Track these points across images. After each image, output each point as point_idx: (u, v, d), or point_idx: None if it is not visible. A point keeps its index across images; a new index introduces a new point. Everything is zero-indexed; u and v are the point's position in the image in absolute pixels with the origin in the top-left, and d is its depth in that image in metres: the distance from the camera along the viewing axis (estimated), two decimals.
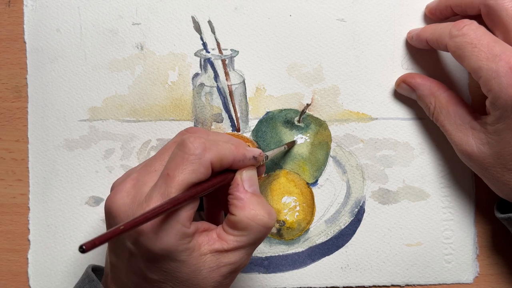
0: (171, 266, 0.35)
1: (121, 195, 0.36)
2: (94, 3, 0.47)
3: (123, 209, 0.36)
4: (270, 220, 0.37)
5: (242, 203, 0.37)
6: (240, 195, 0.37)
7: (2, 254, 0.47)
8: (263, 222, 0.37)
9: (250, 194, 0.37)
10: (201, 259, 0.36)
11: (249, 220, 0.36)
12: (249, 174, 0.38)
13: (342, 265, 0.47)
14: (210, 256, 0.36)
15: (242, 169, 0.38)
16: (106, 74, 0.47)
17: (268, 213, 0.37)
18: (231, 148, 0.37)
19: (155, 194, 0.35)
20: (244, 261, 0.38)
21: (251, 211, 0.37)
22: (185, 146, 0.35)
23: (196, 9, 0.47)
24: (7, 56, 0.48)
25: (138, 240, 0.35)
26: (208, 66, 0.47)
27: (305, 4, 0.47)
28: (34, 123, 0.47)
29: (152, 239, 0.34)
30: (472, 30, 0.40)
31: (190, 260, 0.35)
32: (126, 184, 0.37)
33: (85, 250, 0.28)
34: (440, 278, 0.47)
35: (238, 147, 0.38)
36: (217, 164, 0.36)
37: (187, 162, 0.35)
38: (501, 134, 0.40)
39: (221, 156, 0.36)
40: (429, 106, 0.45)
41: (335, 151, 0.48)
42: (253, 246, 0.38)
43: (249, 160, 0.38)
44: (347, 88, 0.47)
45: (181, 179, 0.34)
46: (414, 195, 0.47)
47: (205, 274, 0.36)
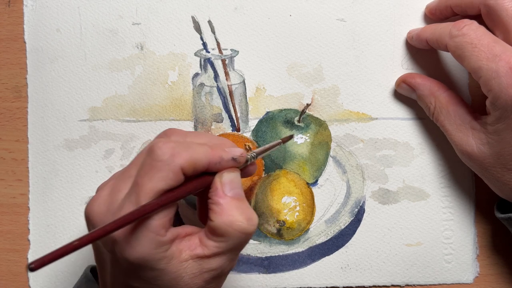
0: (150, 275, 0.34)
1: (98, 203, 0.35)
2: (94, 3, 0.47)
3: (99, 217, 0.35)
4: (249, 226, 0.35)
5: (220, 208, 0.35)
6: (218, 200, 0.36)
7: (2, 254, 0.47)
8: (241, 228, 0.35)
9: (230, 199, 0.36)
10: (182, 265, 0.35)
11: (227, 227, 0.35)
12: (230, 177, 0.36)
13: (342, 265, 0.47)
14: (191, 262, 0.35)
15: (222, 172, 0.36)
16: (106, 74, 0.47)
17: (247, 218, 0.35)
18: (206, 151, 0.35)
19: (126, 203, 0.34)
20: (227, 266, 0.37)
21: (228, 217, 0.35)
22: (153, 152, 0.34)
23: (196, 9, 0.47)
24: (7, 56, 0.48)
25: (114, 250, 0.34)
26: (208, 66, 0.47)
27: (305, 4, 0.47)
28: (34, 123, 0.47)
29: (125, 249, 0.33)
30: (472, 30, 0.40)
31: (169, 267, 0.34)
32: (103, 191, 0.36)
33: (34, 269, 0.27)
34: (440, 278, 0.47)
35: (215, 149, 0.36)
36: (189, 169, 0.34)
37: (155, 169, 0.34)
38: (501, 134, 0.40)
39: (194, 160, 0.34)
40: (429, 106, 0.45)
41: (335, 151, 0.48)
42: (235, 251, 0.36)
43: (227, 162, 0.36)
44: (347, 88, 0.47)
45: (150, 187, 0.33)
46: (414, 195, 0.47)
47: (187, 281, 0.35)
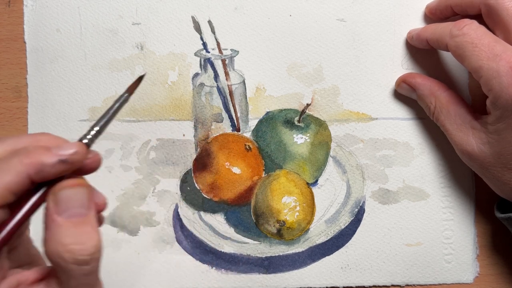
0: None
1: None
2: (94, 3, 0.47)
3: None
4: (80, 255, 0.29)
5: (49, 233, 0.29)
6: (48, 224, 0.29)
7: None
8: (70, 258, 0.29)
9: (62, 221, 0.29)
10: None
11: (54, 256, 0.29)
12: (66, 194, 0.29)
13: (342, 265, 0.47)
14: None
15: (58, 187, 0.30)
16: (106, 74, 0.47)
17: (79, 245, 0.29)
18: (19, 164, 0.28)
19: None
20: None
21: (55, 245, 0.29)
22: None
23: (196, 9, 0.47)
24: (7, 56, 0.48)
25: None
26: (208, 66, 0.47)
27: (305, 4, 0.47)
28: (34, 123, 0.47)
29: None
30: (473, 30, 0.40)
31: None
32: None
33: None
34: (440, 278, 0.47)
35: (30, 155, 0.29)
36: (5, 199, 0.28)
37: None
38: (502, 133, 0.40)
39: (5, 187, 0.28)
40: (430, 106, 0.45)
41: (335, 151, 0.48)
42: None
43: (53, 167, 0.29)
44: (347, 88, 0.47)
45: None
46: (414, 195, 0.47)
47: None
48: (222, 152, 0.47)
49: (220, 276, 0.47)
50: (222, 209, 0.48)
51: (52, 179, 0.29)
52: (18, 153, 0.29)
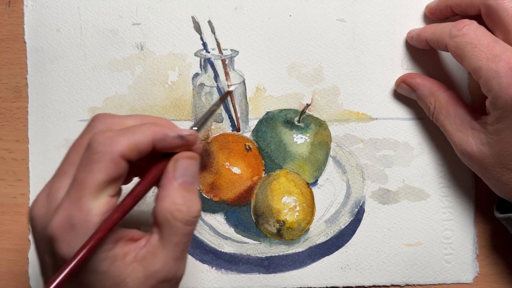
0: (92, 279, 0.32)
1: (37, 206, 0.34)
2: (94, 3, 0.47)
3: (40, 221, 0.33)
4: (188, 215, 0.33)
5: (163, 193, 0.34)
6: (164, 184, 0.34)
7: (2, 254, 0.47)
8: (179, 217, 0.33)
9: (176, 185, 0.34)
10: (126, 269, 0.33)
11: (165, 212, 0.33)
12: (184, 164, 0.34)
13: (342, 265, 0.47)
14: (136, 265, 0.33)
15: (178, 156, 0.35)
16: (106, 74, 0.47)
17: (187, 208, 0.33)
18: (148, 129, 0.33)
19: (65, 201, 0.32)
20: (172, 268, 0.34)
21: (169, 203, 0.33)
22: (90, 145, 0.32)
23: (196, 9, 0.47)
24: (7, 56, 0.48)
25: (54, 252, 0.32)
26: (208, 66, 0.47)
27: (305, 4, 0.47)
28: (34, 123, 0.47)
29: (65, 249, 0.32)
30: (472, 30, 0.40)
31: (111, 270, 0.32)
32: (41, 194, 0.34)
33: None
34: (440, 278, 0.47)
35: (157, 125, 0.34)
36: (132, 154, 0.33)
37: (92, 162, 0.32)
38: (501, 134, 0.40)
39: (135, 143, 0.33)
40: (429, 106, 0.45)
41: (335, 151, 0.48)
42: (176, 247, 0.34)
43: (172, 139, 0.34)
44: (347, 88, 0.47)
45: (89, 180, 0.32)
46: (414, 195, 0.47)
47: (131, 286, 0.33)
48: (222, 152, 0.47)
49: (220, 276, 0.47)
50: (222, 209, 0.48)
51: (168, 151, 0.35)
52: (148, 122, 0.35)
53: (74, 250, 0.31)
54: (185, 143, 0.35)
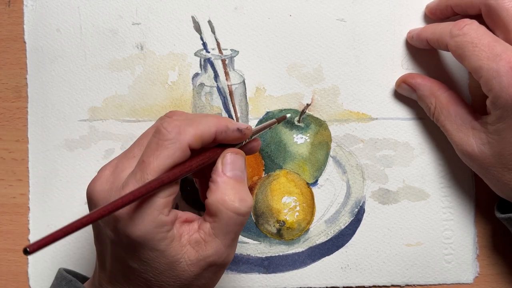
0: (149, 256, 0.35)
1: (100, 182, 0.36)
2: (94, 3, 0.47)
3: (102, 195, 0.35)
4: (241, 206, 0.36)
5: (215, 186, 0.36)
6: (215, 178, 0.36)
7: (2, 254, 0.47)
8: (232, 208, 0.35)
9: (227, 178, 0.36)
10: (181, 250, 0.35)
11: (219, 204, 0.35)
12: (233, 158, 0.37)
13: (342, 265, 0.47)
14: (189, 248, 0.35)
15: (226, 152, 0.37)
16: (106, 74, 0.47)
17: (239, 198, 0.36)
18: (212, 121, 0.36)
19: (131, 181, 0.34)
20: (223, 254, 0.36)
21: (221, 195, 0.35)
22: (159, 131, 0.35)
23: (196, 9, 0.47)
24: (7, 56, 0.48)
25: (116, 227, 0.34)
26: (208, 66, 0.47)
27: (305, 4, 0.47)
28: (34, 123, 0.47)
29: (128, 226, 0.34)
30: (473, 30, 0.40)
31: (169, 250, 0.35)
32: (105, 171, 0.36)
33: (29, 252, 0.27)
34: (440, 278, 0.47)
35: (220, 119, 0.37)
36: (197, 143, 0.35)
37: (162, 147, 0.34)
38: (502, 133, 0.40)
39: (200, 133, 0.35)
40: (430, 106, 0.45)
41: (335, 151, 0.48)
42: (228, 235, 0.36)
43: (232, 132, 0.37)
44: (347, 88, 0.47)
45: (156, 165, 0.34)
46: (414, 195, 0.47)
47: (184, 267, 0.35)
48: None
49: None
50: None
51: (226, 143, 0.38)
52: (212, 116, 0.37)
53: (138, 227, 0.34)
54: (242, 136, 0.38)
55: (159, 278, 0.36)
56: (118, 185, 0.35)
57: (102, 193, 0.35)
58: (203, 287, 0.37)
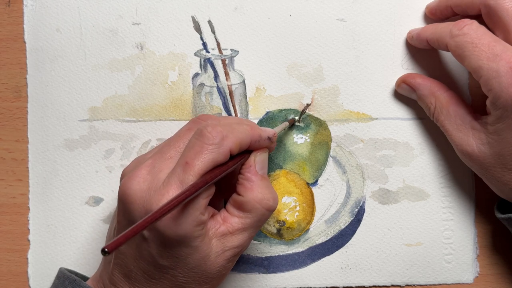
0: (184, 252, 0.36)
1: (137, 181, 0.36)
2: (94, 3, 0.47)
3: (140, 194, 0.36)
4: (274, 204, 0.39)
5: (251, 184, 0.38)
6: (251, 177, 0.39)
7: (2, 254, 0.47)
8: (268, 206, 0.38)
9: (260, 177, 0.39)
10: (210, 243, 0.37)
11: (256, 203, 0.38)
12: (262, 157, 0.40)
13: (342, 265, 0.47)
14: (215, 241, 0.37)
15: (257, 151, 0.40)
16: (106, 74, 0.47)
17: (273, 198, 0.39)
18: (247, 130, 0.39)
19: (174, 181, 0.35)
20: (246, 244, 0.39)
21: (258, 194, 0.38)
22: (204, 135, 0.36)
23: (196, 9, 0.47)
24: (7, 56, 0.48)
25: (155, 226, 0.35)
26: (208, 66, 0.47)
27: (305, 4, 0.47)
28: (34, 123, 0.47)
29: (170, 226, 0.35)
30: (473, 30, 0.40)
31: (202, 245, 0.36)
32: (141, 170, 0.37)
33: (108, 252, 0.28)
34: (440, 278, 0.47)
35: (254, 128, 0.39)
36: (236, 149, 0.37)
37: (207, 151, 0.36)
38: (502, 134, 0.40)
39: (239, 141, 0.37)
40: (430, 106, 0.45)
41: (335, 151, 0.48)
42: (255, 229, 0.39)
43: (264, 140, 0.40)
44: (347, 88, 0.47)
45: (200, 168, 0.35)
46: (414, 195, 0.47)
47: (212, 260, 0.37)
48: None
49: None
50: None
51: (255, 149, 0.40)
52: (245, 124, 0.40)
53: (181, 227, 0.35)
54: (271, 143, 0.41)
55: (187, 274, 0.37)
56: (158, 185, 0.36)
57: (140, 192, 0.36)
58: (222, 275, 0.39)
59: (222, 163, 0.37)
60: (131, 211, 0.36)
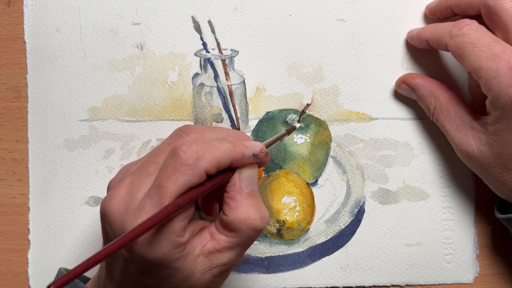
0: (165, 273, 0.35)
1: (116, 201, 0.35)
2: (94, 3, 0.47)
3: (117, 216, 0.35)
4: (262, 224, 0.36)
5: (236, 204, 0.36)
6: (235, 195, 0.36)
7: (2, 254, 0.47)
8: (254, 226, 0.36)
9: (246, 195, 0.37)
10: (194, 262, 0.36)
11: (240, 223, 0.36)
12: (249, 173, 0.37)
13: (342, 265, 0.47)
14: (202, 258, 0.36)
15: (241, 168, 0.37)
16: (106, 74, 0.47)
17: (260, 216, 0.36)
18: (228, 149, 0.36)
19: (148, 204, 0.34)
20: (235, 261, 0.37)
21: (243, 214, 0.36)
22: (177, 155, 0.34)
23: (196, 9, 0.47)
24: (7, 56, 0.48)
25: (132, 249, 0.34)
26: (208, 66, 0.47)
27: (305, 4, 0.47)
28: (34, 123, 0.47)
29: (145, 249, 0.34)
30: (473, 30, 0.40)
31: (184, 266, 0.35)
32: (120, 189, 0.36)
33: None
34: (440, 278, 0.47)
35: (236, 146, 0.36)
36: (213, 170, 0.35)
37: (180, 173, 0.34)
38: (501, 134, 0.40)
39: (217, 161, 0.35)
40: (429, 106, 0.45)
41: (335, 151, 0.48)
42: (244, 247, 0.37)
43: (248, 158, 0.37)
44: (347, 88, 0.47)
45: (174, 191, 0.34)
46: (414, 195, 0.47)
47: (198, 277, 0.36)
48: None
49: None
50: None
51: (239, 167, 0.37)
52: (228, 141, 0.37)
53: (156, 250, 0.34)
54: (257, 159, 0.38)
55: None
56: (134, 206, 0.34)
57: (118, 214, 0.35)
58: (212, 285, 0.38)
59: (199, 183, 0.35)
60: (108, 231, 0.36)
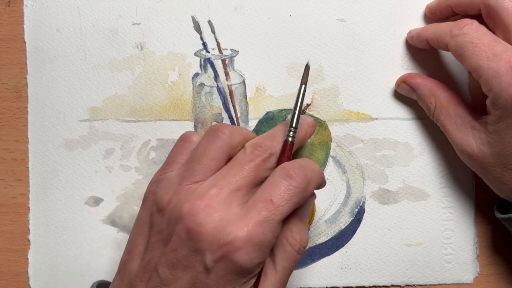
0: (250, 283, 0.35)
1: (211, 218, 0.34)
2: (94, 3, 0.47)
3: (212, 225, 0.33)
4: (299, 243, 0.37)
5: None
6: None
7: (2, 254, 0.47)
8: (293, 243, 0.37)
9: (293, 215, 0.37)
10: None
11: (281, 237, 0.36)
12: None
13: (342, 265, 0.47)
14: None
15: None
16: (106, 74, 0.47)
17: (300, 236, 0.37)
18: (321, 172, 0.38)
19: (254, 215, 0.34)
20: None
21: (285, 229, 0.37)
22: (291, 178, 0.35)
23: (196, 9, 0.47)
24: (7, 56, 0.48)
25: (227, 257, 0.33)
26: (208, 66, 0.47)
27: (305, 4, 0.47)
28: (34, 123, 0.47)
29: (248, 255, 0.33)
30: (473, 30, 0.40)
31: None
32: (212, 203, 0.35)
33: None
34: (440, 278, 0.47)
35: (320, 170, 0.38)
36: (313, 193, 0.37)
37: (293, 194, 0.35)
38: (502, 133, 0.40)
39: (318, 186, 0.37)
40: (430, 106, 0.45)
41: (335, 151, 0.48)
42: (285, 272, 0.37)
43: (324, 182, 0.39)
44: (347, 88, 0.47)
45: (285, 211, 0.34)
46: (414, 195, 0.47)
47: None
48: None
49: None
50: None
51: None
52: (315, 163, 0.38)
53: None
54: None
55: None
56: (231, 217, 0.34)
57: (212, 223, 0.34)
58: None
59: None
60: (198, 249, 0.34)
